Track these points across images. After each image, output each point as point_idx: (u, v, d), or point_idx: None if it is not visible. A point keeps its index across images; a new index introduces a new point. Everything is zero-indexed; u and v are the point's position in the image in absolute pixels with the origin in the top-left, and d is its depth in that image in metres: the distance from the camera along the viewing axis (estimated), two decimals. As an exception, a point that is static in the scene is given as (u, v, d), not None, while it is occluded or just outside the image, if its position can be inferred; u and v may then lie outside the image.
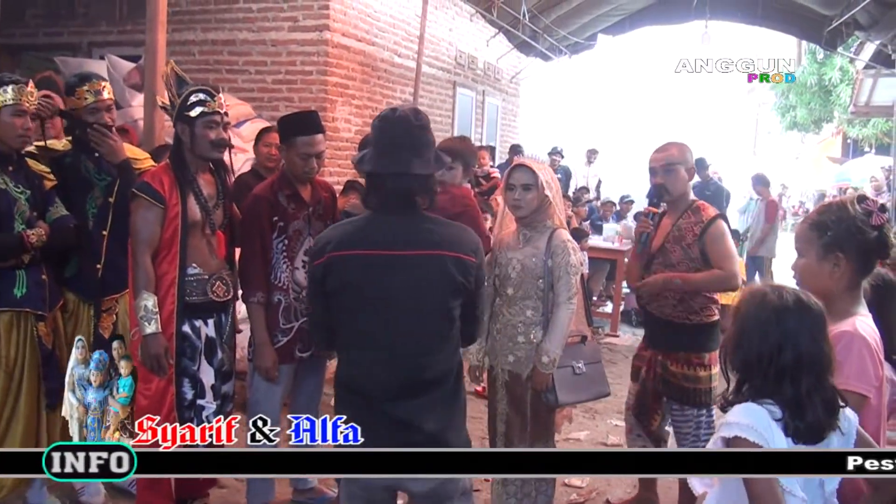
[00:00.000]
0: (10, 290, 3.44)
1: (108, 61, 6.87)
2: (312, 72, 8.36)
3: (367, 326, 2.52)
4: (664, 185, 3.82)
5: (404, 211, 2.54)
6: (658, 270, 3.81)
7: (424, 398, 2.50)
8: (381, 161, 2.51)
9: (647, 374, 3.88)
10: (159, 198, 3.38)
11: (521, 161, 3.68)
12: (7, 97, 3.43)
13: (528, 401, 3.61)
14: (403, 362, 2.49)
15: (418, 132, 2.53)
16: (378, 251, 2.49)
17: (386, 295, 2.48)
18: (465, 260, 2.52)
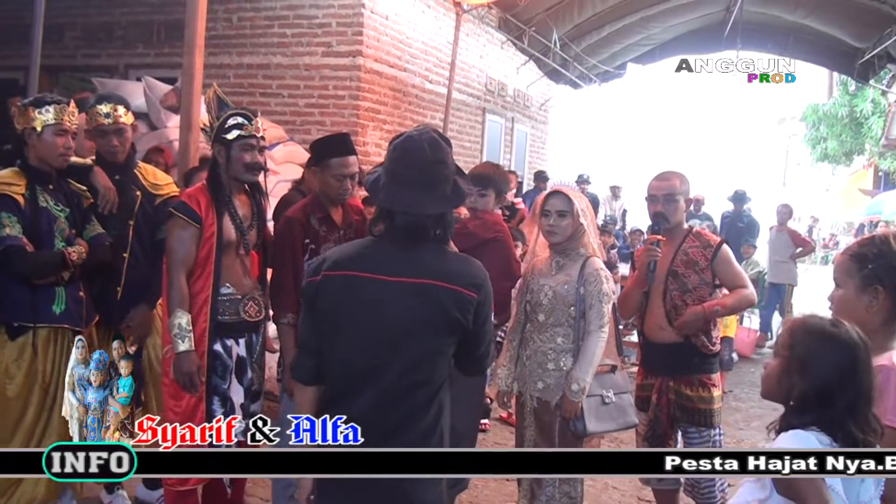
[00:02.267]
0: (49, 306, 3.49)
1: (145, 83, 6.97)
2: (345, 96, 8.45)
3: (351, 353, 2.34)
4: (664, 213, 3.82)
5: (411, 243, 2.35)
6: (675, 296, 3.78)
7: (392, 437, 2.27)
8: (391, 196, 2.34)
9: (660, 402, 3.83)
10: (196, 217, 3.42)
11: (558, 188, 3.70)
12: (49, 117, 3.49)
13: (556, 428, 3.59)
14: (376, 395, 2.29)
15: (434, 167, 2.32)
16: (371, 275, 2.32)
17: (371, 320, 2.31)
18: (463, 294, 2.30)
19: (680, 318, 3.74)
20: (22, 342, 3.44)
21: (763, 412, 7.05)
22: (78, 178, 3.73)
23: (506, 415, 6.12)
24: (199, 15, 4.84)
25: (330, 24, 8.47)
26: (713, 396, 3.77)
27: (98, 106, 3.83)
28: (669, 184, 3.84)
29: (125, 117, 3.88)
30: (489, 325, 2.45)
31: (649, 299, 3.86)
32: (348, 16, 8.40)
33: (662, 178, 3.88)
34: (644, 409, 3.88)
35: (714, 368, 3.83)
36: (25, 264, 3.38)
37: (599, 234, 4.07)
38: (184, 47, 4.93)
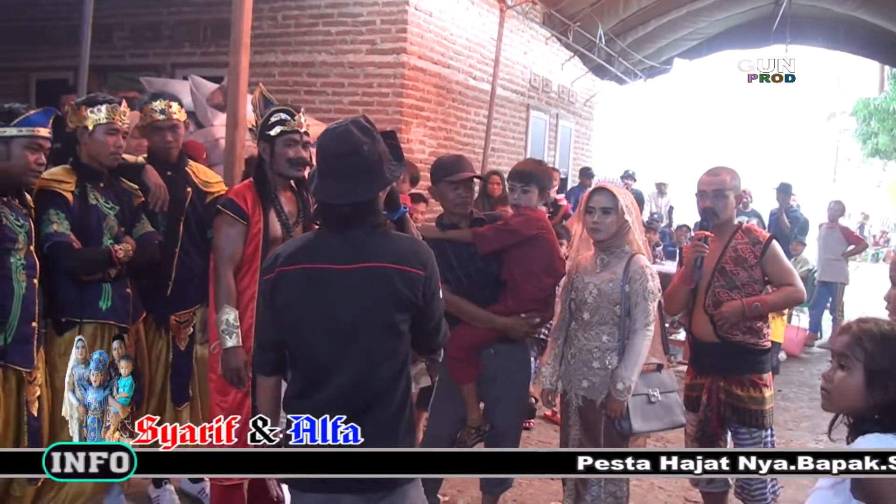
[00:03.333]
0: (96, 302, 3.53)
1: (192, 81, 7.02)
2: (389, 94, 8.47)
3: (311, 343, 2.44)
4: (713, 209, 3.77)
5: (349, 229, 2.44)
6: (721, 294, 3.73)
7: (361, 417, 2.32)
8: (317, 188, 2.47)
9: (710, 402, 3.77)
10: (243, 214, 3.45)
11: (602, 184, 3.66)
12: (101, 116, 3.54)
13: (601, 428, 3.56)
14: (346, 379, 2.39)
15: (348, 159, 2.40)
16: (322, 265, 2.42)
17: (331, 310, 2.40)
18: (411, 273, 2.42)
19: (718, 311, 3.70)
20: (69, 337, 3.49)
21: (812, 412, 6.93)
22: (130, 177, 3.78)
23: (550, 413, 6.09)
24: (245, 14, 4.87)
25: (374, 21, 8.49)
26: (765, 397, 3.71)
27: (153, 103, 3.88)
28: (719, 179, 3.79)
29: (179, 114, 3.94)
30: (437, 301, 2.55)
31: (697, 297, 3.81)
32: (392, 13, 8.42)
33: (713, 174, 3.83)
34: (693, 410, 3.83)
35: (766, 368, 3.78)
36: (72, 261, 3.43)
37: (645, 231, 4.02)
38: (230, 46, 4.95)
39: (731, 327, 3.71)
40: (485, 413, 3.78)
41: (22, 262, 3.19)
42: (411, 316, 2.45)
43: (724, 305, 3.71)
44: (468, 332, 3.67)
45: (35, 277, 3.26)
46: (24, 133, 3.13)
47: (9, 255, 3.16)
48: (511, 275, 3.69)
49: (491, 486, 3.93)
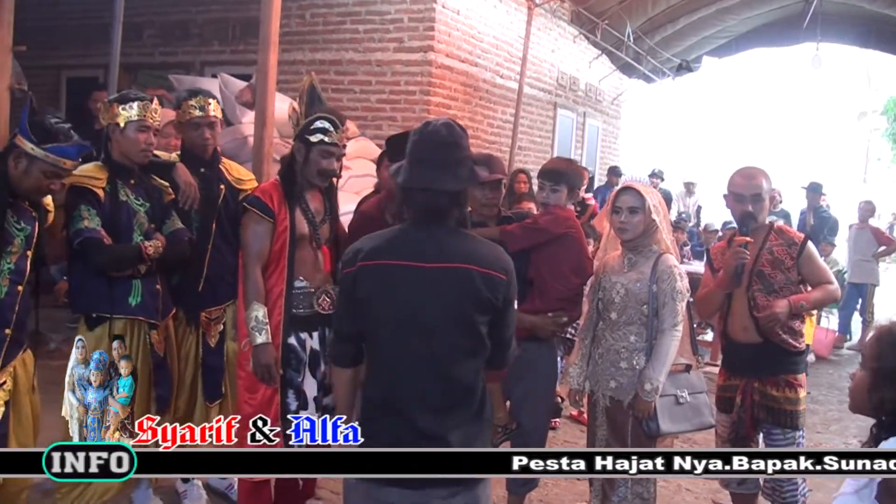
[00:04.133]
0: (125, 298, 3.55)
1: (221, 79, 7.09)
2: (416, 92, 8.47)
3: (394, 338, 2.47)
4: (753, 214, 3.67)
5: (434, 225, 2.49)
6: (760, 297, 3.66)
7: (449, 413, 2.44)
8: (411, 175, 2.49)
9: (744, 403, 3.72)
10: (269, 212, 3.46)
11: (629, 184, 3.65)
12: (132, 113, 3.57)
13: (628, 428, 3.55)
14: (428, 375, 2.43)
15: (449, 148, 2.48)
16: (406, 262, 2.45)
17: (412, 307, 2.44)
18: (494, 276, 2.45)
19: (763, 312, 3.62)
20: (99, 333, 3.52)
21: (841, 415, 6.86)
22: (161, 174, 3.80)
23: (576, 413, 6.07)
24: (274, 12, 4.90)
25: (402, 19, 8.50)
26: (799, 397, 3.68)
27: (190, 100, 3.90)
28: (756, 182, 3.70)
29: (216, 111, 3.96)
30: (513, 310, 2.58)
31: (732, 299, 3.75)
32: (420, 11, 8.42)
33: (748, 176, 3.73)
34: (725, 411, 3.79)
35: (801, 368, 3.74)
36: (102, 256, 3.45)
37: (672, 231, 3.99)
38: (258, 44, 4.99)
39: (780, 325, 3.63)
40: (511, 411, 3.77)
41: (10, 266, 3.13)
42: (489, 320, 2.48)
43: (773, 305, 3.61)
44: (494, 330, 3.66)
45: (20, 284, 3.17)
46: (49, 160, 3.08)
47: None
48: (539, 273, 3.68)
49: (517, 486, 3.92)
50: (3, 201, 3.09)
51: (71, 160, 3.18)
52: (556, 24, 11.45)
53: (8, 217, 3.11)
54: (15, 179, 3.10)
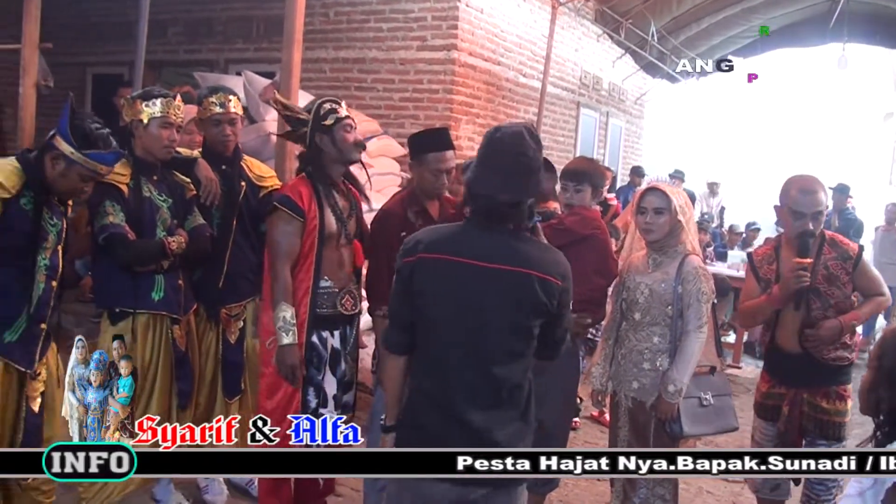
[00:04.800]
0: (148, 293, 3.57)
1: (245, 77, 7.09)
2: (439, 90, 8.46)
3: (446, 333, 2.51)
4: (812, 232, 3.48)
5: (495, 227, 2.53)
6: (819, 316, 3.51)
7: (496, 411, 2.48)
8: (476, 179, 2.54)
9: (792, 413, 3.60)
10: (299, 211, 3.46)
11: (655, 184, 3.61)
12: (156, 110, 3.58)
13: (651, 429, 3.52)
14: (477, 372, 2.47)
15: (517, 157, 2.50)
16: (466, 260, 2.49)
17: (468, 304, 2.48)
18: (552, 282, 2.49)
19: (815, 333, 3.50)
20: (122, 327, 3.54)
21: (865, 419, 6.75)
22: (182, 170, 3.82)
23: (597, 413, 6.04)
24: (298, 10, 4.90)
25: (425, 18, 8.49)
26: (848, 409, 3.57)
27: (211, 97, 3.91)
28: (818, 198, 3.52)
29: (237, 108, 3.97)
30: (568, 310, 2.62)
31: (781, 313, 3.61)
32: (444, 10, 8.40)
33: (809, 192, 3.52)
34: (768, 419, 3.70)
35: (850, 378, 3.62)
36: (127, 252, 3.46)
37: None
38: (282, 42, 5.00)
39: (829, 345, 3.53)
40: (532, 411, 3.75)
41: (45, 262, 3.17)
42: (543, 322, 2.52)
43: (822, 327, 3.49)
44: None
45: (54, 280, 3.22)
46: (89, 166, 3.12)
47: (36, 253, 3.15)
48: (563, 274, 3.65)
49: (537, 486, 3.90)
50: (40, 200, 3.13)
51: (108, 166, 3.23)
52: (580, 23, 11.40)
53: (44, 213, 3.16)
54: (51, 179, 3.13)
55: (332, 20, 8.91)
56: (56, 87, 8.91)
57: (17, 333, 3.12)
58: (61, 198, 3.24)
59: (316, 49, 8.80)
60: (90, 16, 10.37)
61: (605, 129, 13.07)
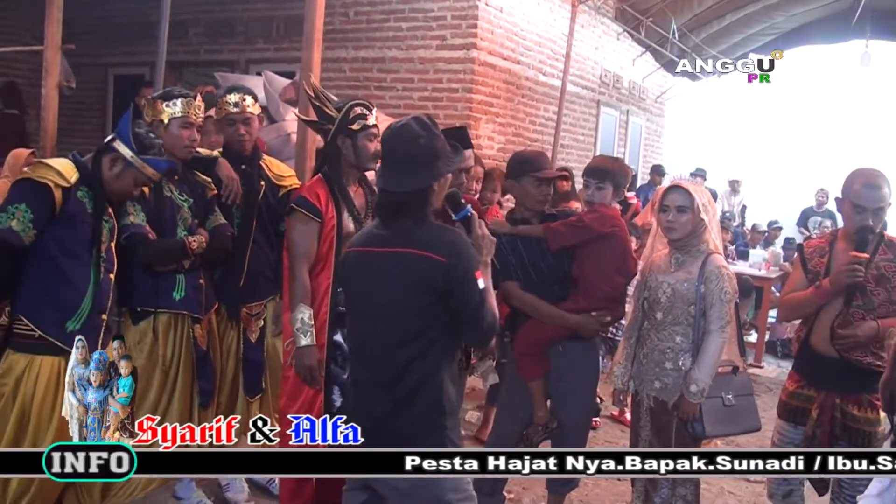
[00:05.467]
0: (169, 292, 3.59)
1: (265, 77, 7.11)
2: (458, 89, 8.45)
3: (358, 318, 2.75)
4: (872, 228, 3.35)
5: (399, 219, 2.65)
6: (857, 315, 3.36)
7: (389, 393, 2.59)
8: (379, 178, 2.74)
9: (821, 418, 3.47)
10: (317, 212, 3.46)
11: (677, 182, 3.59)
12: (176, 110, 3.60)
13: (672, 429, 3.50)
14: (376, 354, 2.64)
15: (405, 148, 2.62)
16: (368, 248, 2.69)
17: (370, 289, 2.66)
18: (432, 258, 2.55)
19: (850, 332, 3.36)
20: (144, 327, 3.56)
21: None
22: (203, 170, 3.83)
23: (617, 413, 6.02)
24: (318, 10, 4.91)
25: (445, 17, 8.48)
26: (880, 418, 3.39)
27: (227, 96, 3.95)
28: (882, 194, 3.37)
29: (252, 107, 3.98)
30: (469, 291, 2.58)
31: (822, 308, 3.48)
32: (463, 9, 8.40)
33: (874, 186, 3.38)
34: (791, 420, 3.59)
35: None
36: (148, 251, 3.49)
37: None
38: (302, 42, 5.00)
39: (856, 349, 3.38)
40: (552, 410, 3.74)
41: (102, 255, 3.26)
42: (438, 301, 2.57)
43: (858, 327, 3.34)
44: (537, 328, 3.64)
45: (112, 272, 3.33)
46: (144, 171, 3.26)
47: (97, 245, 3.23)
48: (583, 272, 3.64)
49: (557, 486, 3.89)
50: (101, 198, 3.25)
51: (159, 172, 3.36)
52: (600, 22, 11.36)
53: (102, 209, 3.26)
54: (106, 179, 3.25)
55: (352, 20, 8.92)
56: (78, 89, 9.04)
57: (80, 322, 3.19)
58: (112, 198, 3.33)
59: (336, 49, 8.82)
60: (112, 17, 10.45)
61: (625, 128, 13.01)
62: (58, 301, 3.17)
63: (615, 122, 12.55)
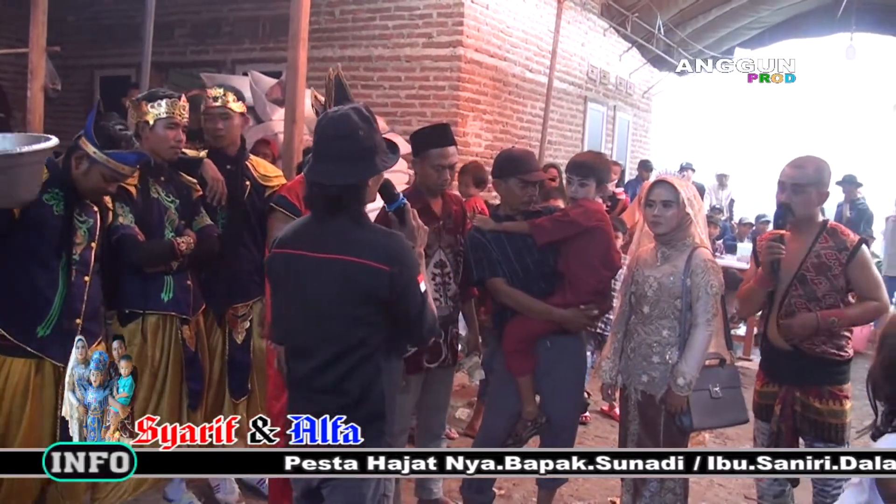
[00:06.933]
0: (158, 294, 3.59)
1: (251, 77, 7.11)
2: (445, 87, 8.45)
3: (289, 323, 2.65)
4: (789, 205, 3.41)
5: (331, 216, 2.55)
6: (799, 304, 3.40)
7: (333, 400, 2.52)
8: (311, 170, 2.57)
9: (783, 413, 3.49)
10: (296, 211, 3.47)
11: (663, 177, 3.61)
12: (161, 111, 3.60)
13: (660, 423, 3.51)
14: (316, 362, 2.56)
15: (343, 141, 2.51)
16: (302, 252, 2.57)
17: (302, 295, 2.56)
18: (375, 267, 2.48)
19: (788, 322, 3.40)
20: (132, 328, 3.56)
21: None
22: (189, 171, 3.83)
23: (607, 408, 6.04)
24: (304, 9, 4.91)
25: (430, 15, 8.49)
26: (845, 409, 3.42)
27: (210, 90, 3.96)
28: (801, 171, 3.42)
29: (233, 104, 3.98)
30: (413, 296, 2.57)
31: (773, 301, 3.52)
32: (449, 6, 8.40)
33: (795, 165, 3.46)
34: (763, 418, 3.60)
35: (846, 378, 3.46)
36: (137, 253, 3.48)
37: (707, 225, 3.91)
38: (288, 41, 5.00)
39: (803, 340, 3.41)
40: (541, 406, 3.75)
41: (76, 258, 3.22)
42: (380, 310, 2.54)
43: (796, 318, 3.38)
44: (524, 324, 3.65)
45: (86, 275, 3.27)
46: (110, 165, 3.18)
47: (67, 249, 3.20)
48: (569, 266, 3.65)
49: (547, 481, 3.91)
50: (70, 198, 3.22)
51: (129, 166, 3.28)
52: (586, 18, 11.38)
53: (73, 211, 3.23)
54: (75, 178, 3.21)
55: (338, 19, 8.92)
56: (64, 91, 9.02)
57: (50, 328, 3.18)
58: (88, 197, 3.30)
59: (322, 48, 8.81)
60: (98, 19, 10.43)
61: (612, 124, 13.05)
62: (26, 307, 3.15)
63: (602, 117, 12.57)
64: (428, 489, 4.18)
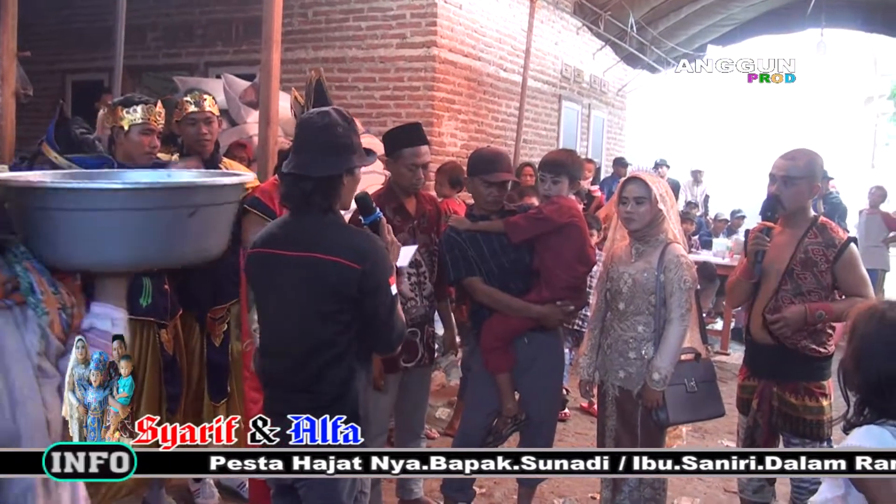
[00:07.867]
0: (136, 298, 3.57)
1: (225, 80, 7.09)
2: (419, 87, 8.46)
3: (266, 322, 2.71)
4: (779, 197, 3.42)
5: (304, 212, 2.60)
6: (786, 299, 3.41)
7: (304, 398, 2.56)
8: (288, 161, 2.62)
9: (760, 407, 3.51)
10: (270, 213, 3.47)
11: (635, 173, 3.64)
12: (136, 116, 3.58)
13: (638, 418, 3.54)
14: (288, 360, 2.61)
15: (320, 134, 2.57)
16: (275, 251, 2.61)
17: (276, 293, 2.62)
18: (346, 266, 2.52)
19: (777, 316, 3.39)
20: None
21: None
22: None
23: (586, 404, 6.08)
24: (276, 11, 4.90)
25: (404, 15, 8.49)
26: (822, 406, 3.40)
27: (186, 97, 3.95)
28: (793, 163, 3.41)
29: (212, 107, 3.98)
30: (382, 298, 2.60)
31: (758, 295, 3.53)
32: (422, 6, 8.41)
33: (787, 157, 3.45)
34: (743, 412, 3.63)
35: (826, 374, 3.43)
36: None
37: (681, 221, 3.95)
38: (261, 43, 4.99)
39: (793, 333, 3.39)
40: (520, 402, 3.77)
41: None
42: (351, 308, 2.57)
43: (785, 310, 3.37)
44: (502, 322, 3.67)
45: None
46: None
47: None
48: (544, 263, 3.68)
49: (527, 479, 3.93)
50: None
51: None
52: (559, 16, 11.43)
53: None
54: None
55: (311, 20, 8.90)
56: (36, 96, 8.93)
57: None
58: None
59: (296, 49, 8.80)
60: (69, 23, 10.34)
61: (587, 122, 13.10)
62: None
63: (577, 115, 12.63)
64: (409, 489, 4.19)
